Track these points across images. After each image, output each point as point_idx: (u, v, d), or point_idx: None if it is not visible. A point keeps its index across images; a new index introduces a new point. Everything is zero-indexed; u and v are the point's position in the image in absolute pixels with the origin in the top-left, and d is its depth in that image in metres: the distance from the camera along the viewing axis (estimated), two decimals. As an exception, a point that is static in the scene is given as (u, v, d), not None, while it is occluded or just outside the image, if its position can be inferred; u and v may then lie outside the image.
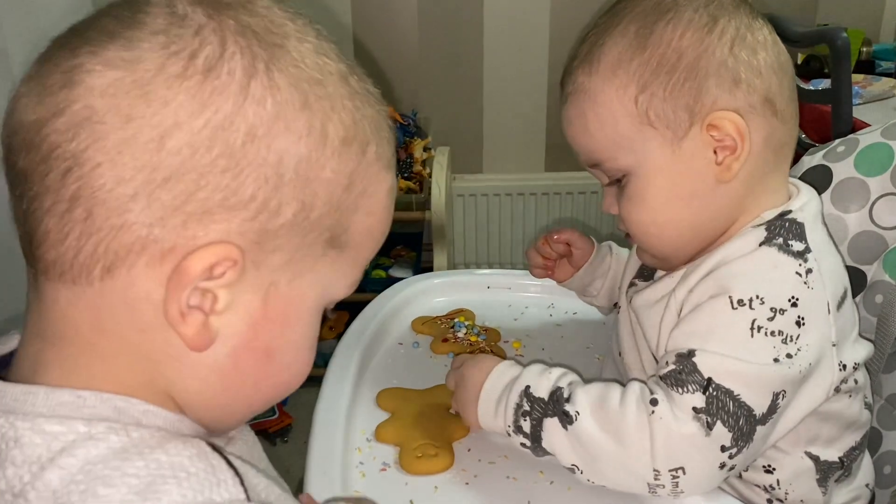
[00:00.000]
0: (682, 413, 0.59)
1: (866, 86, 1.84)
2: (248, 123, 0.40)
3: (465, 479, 0.68)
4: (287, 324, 0.46)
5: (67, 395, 0.40)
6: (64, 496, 0.37)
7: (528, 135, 2.21)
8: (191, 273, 0.40)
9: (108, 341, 0.42)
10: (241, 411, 0.48)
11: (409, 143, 1.96)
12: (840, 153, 0.82)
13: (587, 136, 0.67)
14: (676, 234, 0.68)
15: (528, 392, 0.65)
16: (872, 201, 0.79)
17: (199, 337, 0.42)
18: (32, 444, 0.39)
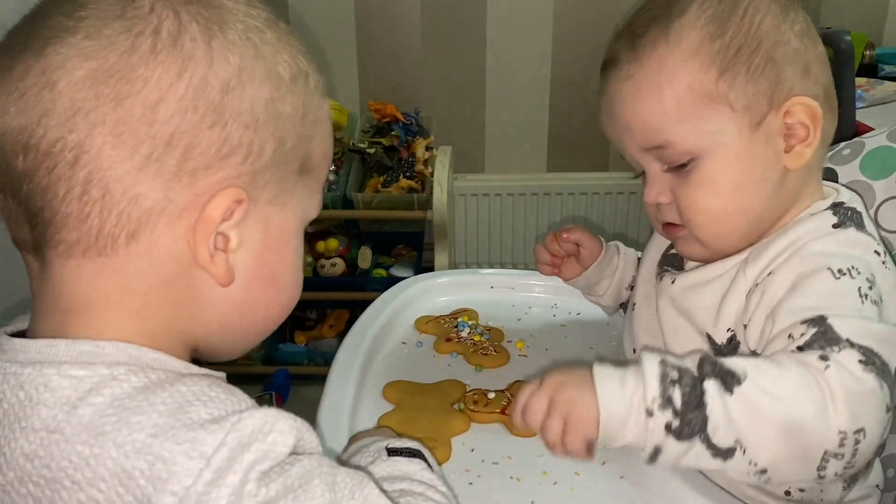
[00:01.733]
0: (853, 371, 0.53)
1: (869, 89, 1.84)
2: (220, 80, 0.45)
3: (468, 479, 0.68)
4: (283, 249, 0.52)
5: (87, 345, 0.44)
6: (98, 427, 0.41)
7: (531, 135, 2.21)
8: (214, 220, 0.46)
9: (134, 299, 0.46)
10: (255, 334, 0.54)
11: (412, 142, 1.96)
12: (845, 156, 0.82)
13: (660, 114, 0.64)
14: (744, 222, 0.67)
15: (665, 361, 0.56)
16: (878, 204, 0.79)
17: (227, 274, 0.48)
18: (61, 388, 0.43)
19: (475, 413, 0.75)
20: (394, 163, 1.93)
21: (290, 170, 0.50)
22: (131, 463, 0.40)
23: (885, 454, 0.78)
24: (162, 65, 0.44)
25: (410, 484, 0.55)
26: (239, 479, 0.41)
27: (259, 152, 0.47)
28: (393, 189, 1.89)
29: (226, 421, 0.42)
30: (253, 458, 0.42)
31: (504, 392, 0.78)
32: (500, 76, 2.14)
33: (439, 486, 0.56)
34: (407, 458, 0.57)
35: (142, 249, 0.45)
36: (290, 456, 0.44)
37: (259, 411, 0.44)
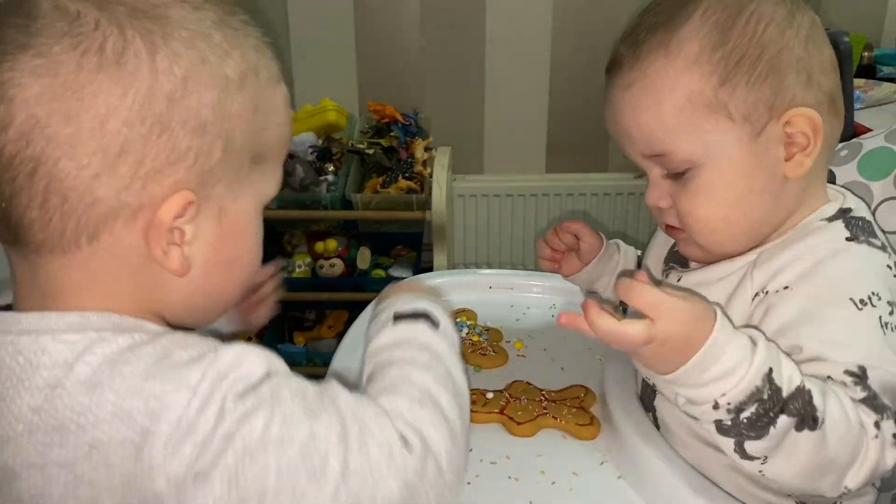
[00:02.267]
0: (888, 444, 0.58)
1: (868, 90, 1.84)
2: (165, 92, 0.49)
3: (466, 478, 0.68)
4: (239, 235, 0.56)
5: (75, 316, 0.50)
6: (94, 380, 0.47)
7: (530, 136, 2.21)
8: (164, 223, 0.50)
9: (102, 287, 0.52)
10: (217, 309, 0.59)
11: (411, 142, 1.96)
12: (843, 157, 0.83)
13: (659, 124, 0.64)
14: (743, 229, 0.67)
15: (770, 377, 0.55)
16: (876, 205, 0.79)
17: (182, 266, 0.52)
18: (57, 351, 0.48)
19: (474, 413, 0.75)
20: (393, 163, 1.93)
21: (242, 163, 0.54)
22: (129, 403, 0.46)
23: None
24: (108, 80, 0.47)
25: (403, 350, 0.61)
26: (220, 402, 0.47)
27: (208, 154, 0.51)
28: (392, 190, 1.89)
29: (204, 358, 0.48)
30: (230, 384, 0.48)
31: (502, 392, 0.78)
32: (500, 77, 2.14)
33: (435, 344, 0.62)
34: (411, 321, 0.64)
35: (103, 247, 0.50)
36: (265, 377, 0.50)
37: (232, 346, 0.50)
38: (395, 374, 0.59)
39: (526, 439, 0.73)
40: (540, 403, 0.76)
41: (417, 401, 0.56)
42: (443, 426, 0.55)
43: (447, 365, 0.61)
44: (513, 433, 0.74)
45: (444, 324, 0.65)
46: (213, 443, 0.47)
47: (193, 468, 0.46)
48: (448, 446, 0.54)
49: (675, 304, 0.54)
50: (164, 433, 0.46)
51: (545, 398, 0.77)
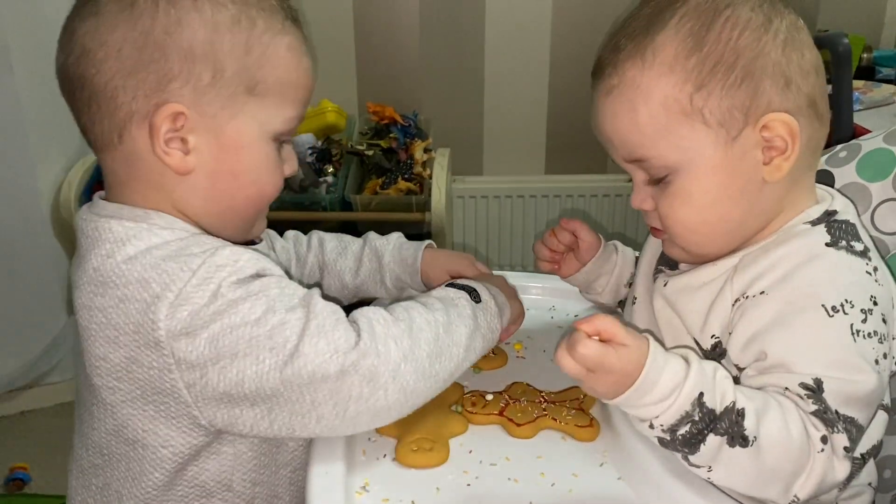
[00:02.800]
0: (837, 455, 0.60)
1: (867, 92, 1.84)
2: (162, 27, 0.65)
3: (466, 480, 0.68)
4: (239, 151, 0.69)
5: (139, 210, 0.68)
6: (133, 255, 0.64)
7: (529, 137, 2.21)
8: (157, 125, 0.66)
9: (139, 182, 0.69)
10: (236, 218, 0.73)
11: (410, 144, 1.96)
12: (842, 158, 0.83)
13: (635, 131, 0.66)
14: (721, 232, 0.68)
15: (701, 402, 0.60)
16: (874, 206, 0.79)
17: (180, 165, 0.67)
18: (116, 231, 0.66)
19: (473, 415, 0.75)
20: (392, 165, 1.93)
21: (235, 91, 0.67)
22: (148, 274, 0.63)
23: (883, 455, 0.78)
24: (124, 19, 0.65)
25: (429, 299, 0.71)
26: (216, 285, 0.62)
27: (198, 78, 0.66)
28: (391, 191, 1.89)
29: (208, 252, 0.64)
30: (226, 274, 0.63)
31: (502, 394, 0.78)
32: (499, 78, 2.14)
33: (460, 306, 0.71)
34: (457, 289, 0.73)
35: (128, 146, 0.67)
36: (256, 276, 0.65)
37: (231, 246, 0.66)
38: (405, 304, 0.69)
39: (525, 441, 0.73)
40: (539, 405, 0.76)
41: (398, 319, 0.66)
42: (403, 343, 0.64)
43: (452, 320, 0.68)
44: (512, 435, 0.74)
45: (486, 304, 0.73)
46: (205, 314, 0.62)
47: (187, 327, 0.62)
48: (398, 360, 0.63)
49: (609, 359, 0.59)
50: (167, 298, 0.62)
51: (545, 400, 0.77)
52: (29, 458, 1.78)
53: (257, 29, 0.68)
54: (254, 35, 0.67)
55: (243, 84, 0.67)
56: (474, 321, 0.71)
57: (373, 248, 0.93)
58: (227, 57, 0.66)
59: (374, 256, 0.92)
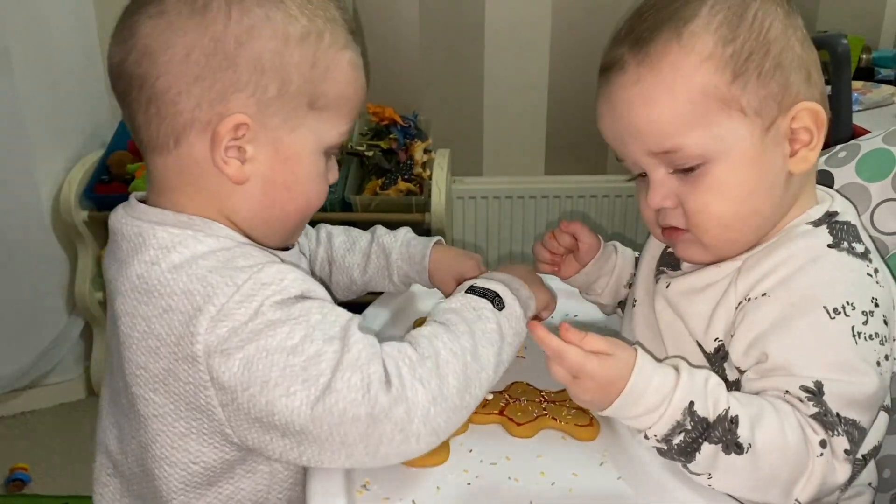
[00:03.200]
0: (837, 457, 0.60)
1: (866, 92, 1.85)
2: (234, 36, 0.64)
3: (467, 479, 0.68)
4: (295, 163, 0.69)
5: (183, 216, 0.67)
6: (179, 265, 0.63)
7: (529, 138, 2.21)
8: (221, 135, 0.65)
9: (190, 187, 0.68)
10: (277, 227, 0.72)
11: (410, 145, 1.96)
12: (842, 158, 0.83)
13: (672, 117, 0.64)
14: (753, 226, 0.67)
15: (692, 410, 0.60)
16: (874, 207, 0.79)
17: (237, 174, 0.67)
18: (162, 238, 0.65)
19: (473, 414, 0.74)
20: (392, 165, 1.93)
21: (298, 104, 0.67)
22: (193, 286, 0.62)
23: (883, 455, 0.78)
24: (194, 23, 0.64)
25: (453, 315, 0.68)
26: (259, 303, 0.61)
27: (264, 90, 0.65)
28: (391, 192, 1.89)
29: (254, 267, 0.63)
30: (270, 293, 0.62)
31: (502, 393, 0.78)
32: (498, 79, 2.14)
33: (484, 321, 0.68)
34: (479, 296, 0.71)
35: (184, 151, 0.66)
36: (300, 298, 0.63)
37: (278, 264, 0.64)
38: (430, 330, 0.66)
39: (526, 440, 0.73)
40: (539, 404, 0.76)
41: (424, 357, 0.63)
42: (432, 385, 0.61)
43: (478, 342, 0.66)
44: (512, 434, 0.74)
45: (510, 309, 0.71)
46: (243, 332, 0.60)
47: (223, 345, 0.60)
48: (427, 404, 0.61)
49: (590, 364, 0.61)
50: (209, 312, 0.61)
51: (545, 399, 0.77)
52: (29, 458, 1.78)
53: (324, 43, 0.67)
54: (321, 49, 0.67)
55: (306, 98, 0.67)
56: (500, 335, 0.69)
57: (380, 245, 0.92)
58: (294, 70, 0.66)
59: (381, 253, 0.92)
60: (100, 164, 1.88)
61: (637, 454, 0.68)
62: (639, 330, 0.77)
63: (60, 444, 1.84)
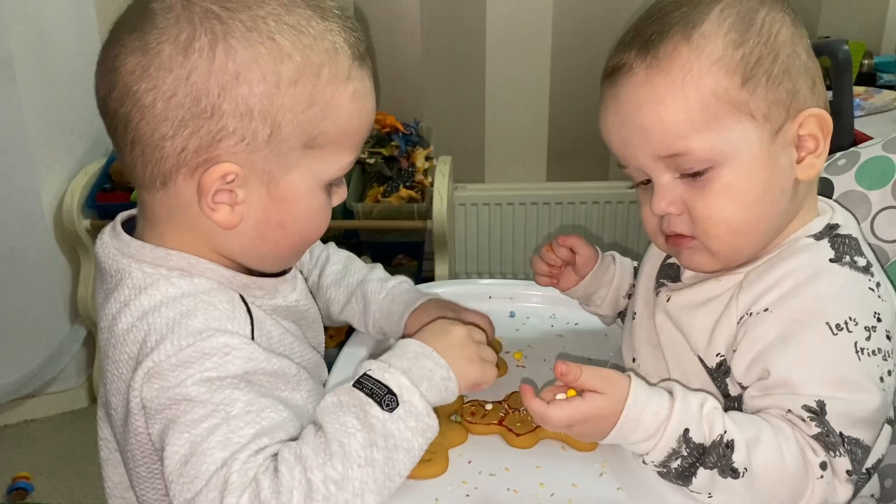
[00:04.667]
0: (839, 479, 0.60)
1: (867, 98, 1.84)
2: (218, 81, 0.60)
3: (465, 490, 0.68)
4: (290, 204, 0.66)
5: (161, 251, 0.66)
6: (145, 311, 0.63)
7: (530, 144, 2.21)
8: (207, 185, 0.62)
9: (178, 223, 0.66)
10: (274, 260, 0.70)
11: (411, 152, 1.96)
12: (841, 166, 0.82)
13: (682, 119, 0.63)
14: (762, 232, 0.67)
15: (687, 437, 0.61)
16: (874, 214, 0.79)
17: (227, 220, 0.64)
18: (136, 277, 0.65)
19: (472, 424, 0.75)
20: (393, 173, 1.93)
21: (291, 147, 0.63)
22: (147, 336, 0.61)
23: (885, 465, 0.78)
24: (177, 65, 0.60)
25: (335, 418, 0.60)
26: (187, 374, 0.59)
27: (254, 136, 0.62)
28: (393, 199, 1.89)
29: (204, 333, 0.61)
30: (205, 367, 0.60)
31: (501, 403, 0.78)
32: (500, 86, 2.14)
33: (362, 432, 0.59)
34: (366, 395, 0.61)
35: (171, 193, 0.64)
36: (238, 378, 0.60)
37: (229, 335, 0.62)
38: (303, 450, 0.58)
39: (525, 450, 0.73)
40: (539, 414, 0.75)
41: (279, 493, 0.55)
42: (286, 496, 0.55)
43: (351, 464, 0.57)
44: (512, 444, 0.73)
45: (406, 407, 0.61)
46: (164, 397, 0.59)
47: (150, 402, 0.60)
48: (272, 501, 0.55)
49: (580, 410, 0.62)
50: (146, 366, 0.60)
51: (544, 409, 0.77)
52: (32, 467, 1.78)
53: (321, 80, 0.63)
54: (318, 87, 0.62)
55: (302, 139, 0.63)
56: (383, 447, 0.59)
57: (364, 292, 0.89)
58: (286, 113, 0.62)
59: (363, 300, 0.89)
60: (102, 172, 1.89)
61: (637, 465, 0.68)
62: (639, 344, 0.76)
63: (63, 453, 1.84)
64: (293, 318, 0.74)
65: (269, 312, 0.70)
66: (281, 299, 0.72)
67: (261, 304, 0.69)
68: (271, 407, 0.61)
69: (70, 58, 1.85)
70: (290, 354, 0.70)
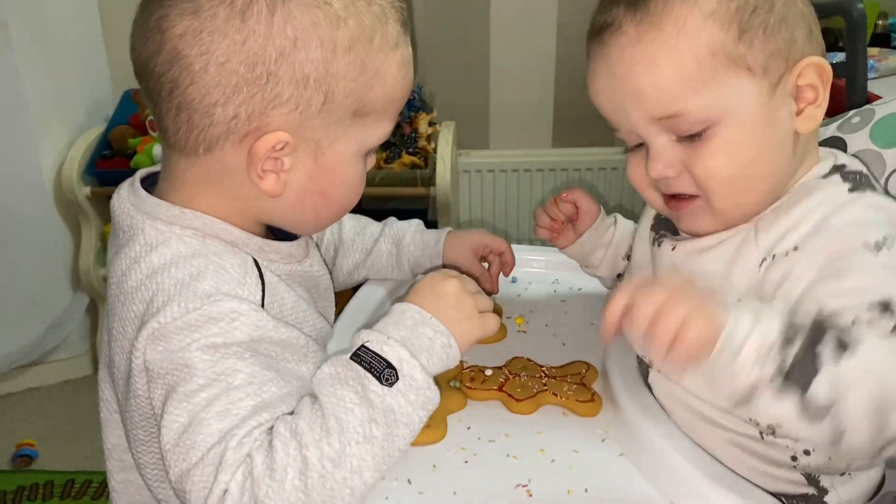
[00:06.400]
0: None
1: (882, 59, 1.80)
2: (276, 47, 0.59)
3: (464, 457, 0.66)
4: (333, 172, 0.65)
5: (177, 209, 0.64)
6: (155, 269, 0.62)
7: (535, 110, 2.18)
8: (259, 153, 0.62)
9: (216, 188, 0.65)
10: (312, 226, 0.71)
11: (414, 117, 1.93)
12: (855, 124, 0.80)
13: (677, 78, 0.61)
14: (765, 188, 0.64)
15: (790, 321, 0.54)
16: (888, 174, 0.76)
17: (273, 189, 0.64)
18: (149, 234, 0.64)
19: (472, 390, 0.73)
20: (396, 138, 1.91)
21: (342, 115, 0.63)
22: (154, 296, 0.60)
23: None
24: (233, 29, 0.58)
25: (332, 391, 0.58)
26: (193, 339, 0.58)
27: (307, 103, 0.61)
28: (395, 165, 1.87)
29: (214, 295, 0.59)
30: (212, 332, 0.58)
31: (501, 369, 0.76)
32: (505, 51, 2.11)
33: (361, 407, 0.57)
34: (365, 369, 0.59)
35: (215, 159, 0.63)
36: (244, 345, 0.59)
37: (237, 300, 0.60)
38: (298, 425, 0.56)
39: (525, 416, 0.72)
40: (540, 380, 0.74)
41: (272, 470, 0.54)
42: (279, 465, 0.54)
43: (349, 440, 0.56)
44: (512, 410, 0.72)
45: (406, 381, 0.59)
46: (167, 361, 0.58)
47: (152, 366, 0.59)
48: (267, 479, 0.54)
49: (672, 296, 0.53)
50: (151, 327, 0.59)
51: (545, 374, 0.75)
52: (36, 434, 1.79)
53: (373, 47, 0.62)
54: (370, 54, 0.62)
55: (352, 108, 0.63)
56: (384, 422, 0.58)
57: (393, 231, 0.91)
58: (340, 80, 0.61)
59: (392, 239, 0.91)
60: (101, 139, 1.87)
61: (640, 430, 0.66)
62: None
63: (67, 420, 1.85)
64: (307, 285, 0.73)
65: (285, 278, 0.69)
66: (296, 264, 0.71)
67: (276, 269, 0.68)
68: (274, 381, 0.59)
69: (66, 22, 1.82)
70: (301, 323, 0.69)
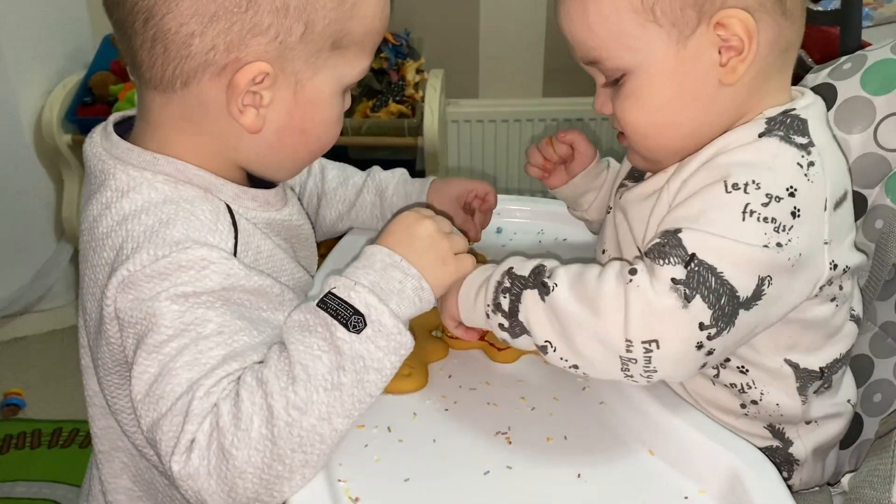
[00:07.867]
0: (660, 284, 0.56)
1: (877, 7, 1.77)
2: None
3: (444, 405, 0.67)
4: (313, 108, 0.64)
5: (149, 155, 0.63)
6: (125, 216, 0.61)
7: (526, 58, 2.14)
8: (240, 85, 0.60)
9: (193, 127, 0.63)
10: (289, 167, 0.70)
11: (401, 64, 1.89)
12: (846, 70, 0.78)
13: (587, 31, 0.64)
14: (675, 137, 0.65)
15: (510, 272, 0.63)
16: (878, 122, 0.75)
17: (254, 124, 0.62)
18: (120, 179, 0.63)
19: (454, 340, 0.73)
20: (383, 86, 1.87)
21: (322, 46, 0.62)
22: (124, 243, 0.60)
23: (874, 379, 0.77)
24: None
25: (299, 339, 0.57)
26: (162, 287, 0.57)
27: (287, 33, 0.59)
28: (382, 114, 1.84)
29: (184, 242, 0.58)
30: (181, 280, 0.57)
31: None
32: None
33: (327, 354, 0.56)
34: (331, 316, 0.57)
35: (192, 94, 0.61)
36: (216, 293, 0.58)
37: (207, 248, 0.59)
38: (265, 373, 0.56)
39: (507, 365, 0.72)
40: (522, 329, 0.74)
41: (238, 419, 0.54)
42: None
43: (314, 388, 0.55)
44: (493, 359, 0.72)
45: (375, 326, 0.57)
46: (136, 310, 0.58)
47: (122, 313, 0.58)
48: (232, 429, 0.54)
49: None
50: (121, 275, 0.58)
51: (528, 323, 0.75)
52: (23, 383, 1.80)
53: None
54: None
55: (331, 38, 0.62)
56: (353, 370, 0.57)
57: (376, 182, 0.90)
58: (319, 10, 0.60)
59: (375, 189, 0.90)
60: (81, 85, 1.83)
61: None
62: (606, 238, 0.75)
63: (54, 369, 1.85)
64: (285, 234, 0.72)
65: (262, 227, 0.67)
66: (274, 213, 0.70)
67: (252, 216, 0.67)
68: (245, 330, 0.59)
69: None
70: (278, 272, 0.68)
